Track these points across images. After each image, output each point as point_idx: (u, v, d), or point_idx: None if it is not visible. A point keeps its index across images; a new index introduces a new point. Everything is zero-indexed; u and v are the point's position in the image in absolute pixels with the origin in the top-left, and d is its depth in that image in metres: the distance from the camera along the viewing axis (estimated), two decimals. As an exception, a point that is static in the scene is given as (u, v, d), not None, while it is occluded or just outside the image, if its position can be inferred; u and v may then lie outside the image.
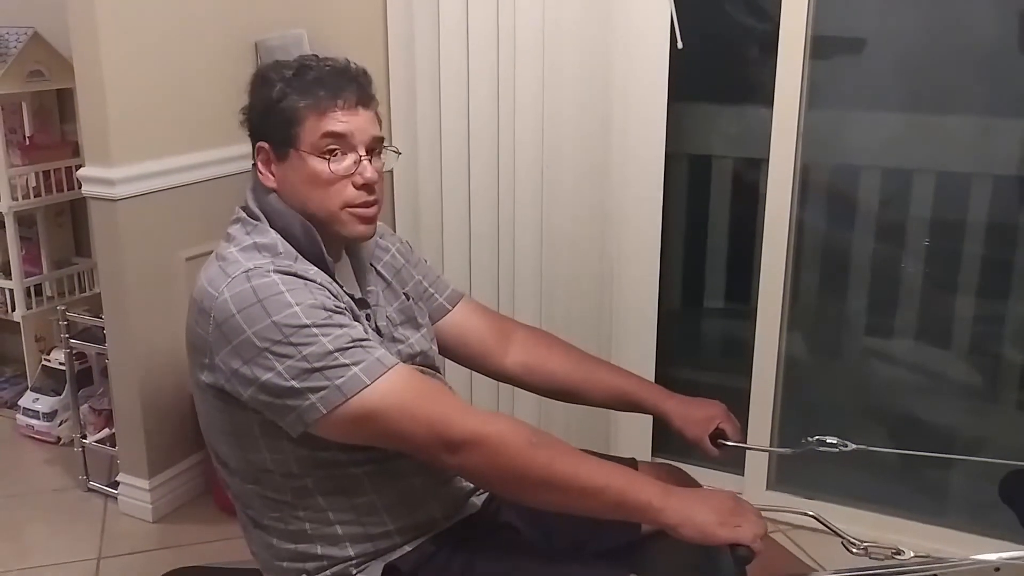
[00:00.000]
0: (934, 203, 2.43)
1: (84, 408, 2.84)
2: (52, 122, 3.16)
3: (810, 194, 2.46)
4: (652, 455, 2.59)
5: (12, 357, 3.39)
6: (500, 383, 2.51)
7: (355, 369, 1.25)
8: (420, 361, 1.51)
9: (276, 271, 1.30)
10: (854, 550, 1.23)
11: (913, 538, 2.32)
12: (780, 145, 2.37)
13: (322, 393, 1.24)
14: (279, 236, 1.38)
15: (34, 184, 3.05)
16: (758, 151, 2.45)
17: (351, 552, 1.38)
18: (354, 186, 1.38)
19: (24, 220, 3.09)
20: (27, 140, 3.05)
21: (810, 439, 1.52)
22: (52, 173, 3.08)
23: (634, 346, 2.51)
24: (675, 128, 2.41)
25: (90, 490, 2.74)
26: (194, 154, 2.56)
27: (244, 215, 1.42)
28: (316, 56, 1.43)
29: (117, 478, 2.66)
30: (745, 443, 1.69)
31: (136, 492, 2.61)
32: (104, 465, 2.79)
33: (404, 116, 2.58)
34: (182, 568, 1.76)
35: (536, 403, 2.50)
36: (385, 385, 1.26)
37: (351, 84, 1.39)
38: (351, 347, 1.26)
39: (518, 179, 2.42)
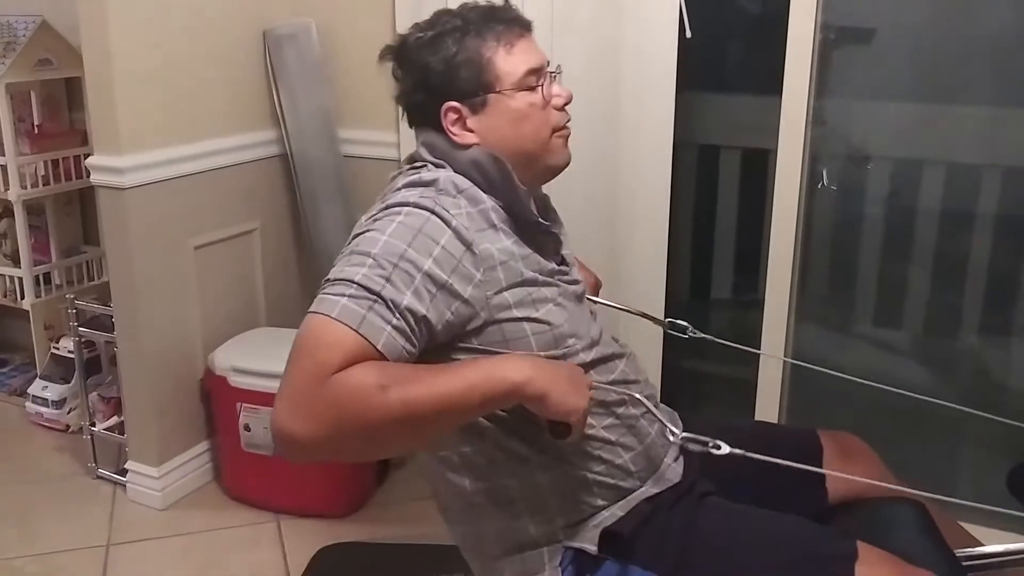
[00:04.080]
0: (944, 194, 2.42)
1: (93, 396, 2.86)
2: (60, 111, 3.16)
3: (819, 184, 2.45)
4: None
5: (21, 345, 3.40)
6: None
7: (342, 301, 1.18)
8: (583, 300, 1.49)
9: (417, 205, 1.28)
10: (672, 439, 1.24)
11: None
12: (789, 135, 2.36)
13: (316, 297, 1.21)
14: (450, 173, 1.35)
15: (43, 173, 3.06)
16: (767, 141, 2.44)
17: (560, 523, 1.38)
18: (555, 108, 1.40)
19: (33, 208, 3.09)
20: (36, 129, 3.05)
21: (664, 320, 1.65)
22: (61, 162, 3.08)
23: (641, 336, 2.50)
24: (684, 117, 2.40)
25: (99, 477, 2.75)
26: (203, 143, 2.56)
27: (420, 163, 1.40)
28: (454, 8, 1.42)
29: (126, 466, 2.67)
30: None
31: (145, 479, 2.62)
32: (113, 453, 2.80)
33: (412, 105, 2.58)
34: (335, 544, 1.76)
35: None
36: (332, 328, 1.16)
37: (511, 12, 1.41)
38: (363, 290, 1.19)
39: (526, 169, 2.42)
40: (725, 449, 1.18)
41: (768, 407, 2.53)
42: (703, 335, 1.57)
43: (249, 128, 2.71)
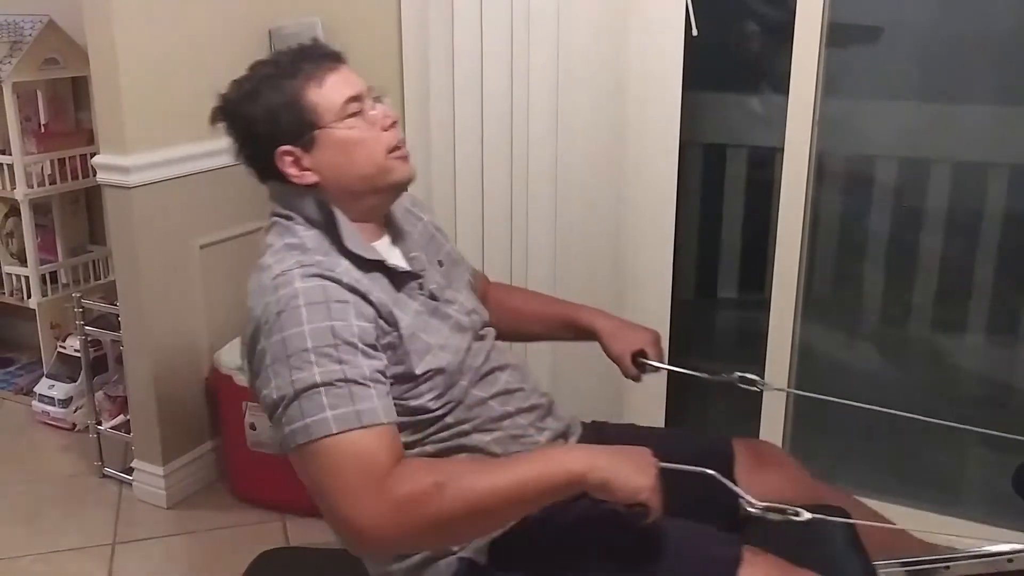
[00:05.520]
0: (951, 193, 2.41)
1: (99, 395, 2.86)
2: (67, 110, 3.17)
3: (825, 183, 2.44)
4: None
5: (28, 344, 3.41)
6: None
7: (329, 413, 1.21)
8: (475, 319, 1.52)
9: (303, 276, 1.29)
10: (751, 510, 1.23)
11: (926, 528, 2.31)
12: (795, 134, 2.36)
13: (295, 426, 1.22)
14: (313, 231, 1.39)
15: (49, 172, 3.06)
16: (773, 140, 2.43)
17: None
18: (382, 130, 1.42)
19: (39, 208, 3.10)
20: (42, 128, 3.06)
21: (733, 375, 1.62)
22: (67, 161, 3.09)
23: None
24: (690, 116, 2.39)
25: (105, 476, 2.76)
26: (209, 142, 2.55)
27: (276, 219, 1.44)
28: (268, 57, 1.48)
29: (132, 464, 2.67)
30: (666, 365, 1.69)
31: (150, 478, 2.62)
32: (119, 451, 2.80)
33: (417, 102, 2.57)
34: (277, 549, 1.75)
35: (548, 380, 2.50)
36: (346, 440, 1.20)
37: (321, 49, 1.45)
38: (338, 387, 1.22)
39: (532, 168, 2.42)
40: (805, 515, 1.23)
41: (775, 407, 2.52)
42: (778, 387, 1.59)
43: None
